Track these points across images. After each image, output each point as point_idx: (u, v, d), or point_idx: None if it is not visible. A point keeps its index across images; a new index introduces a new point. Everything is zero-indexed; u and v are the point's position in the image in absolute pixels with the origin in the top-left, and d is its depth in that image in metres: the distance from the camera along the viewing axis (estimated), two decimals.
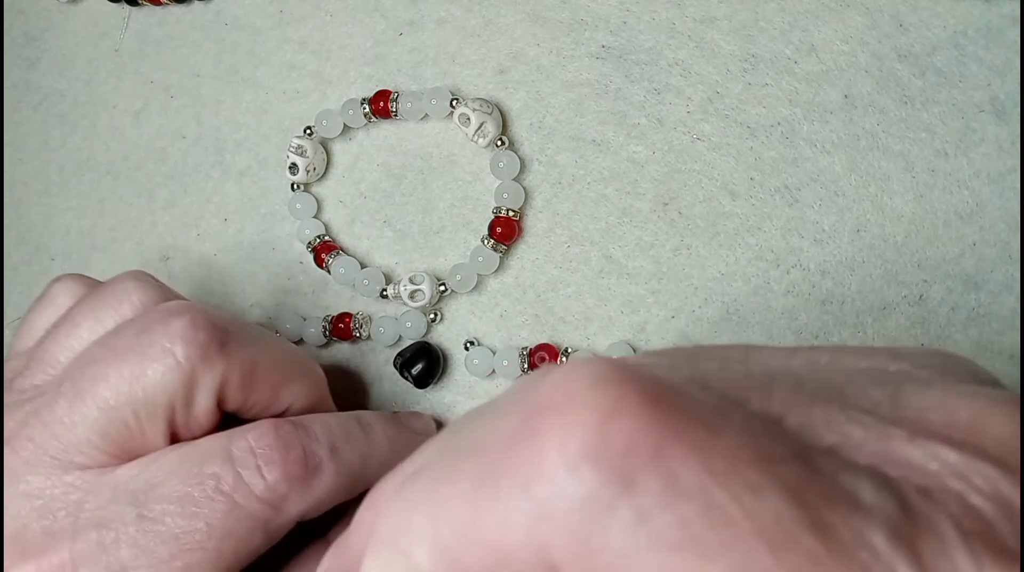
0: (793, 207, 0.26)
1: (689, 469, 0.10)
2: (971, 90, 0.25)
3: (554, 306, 0.28)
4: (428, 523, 0.12)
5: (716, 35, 0.27)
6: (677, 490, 0.10)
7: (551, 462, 0.10)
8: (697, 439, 0.10)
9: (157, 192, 0.34)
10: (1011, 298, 0.24)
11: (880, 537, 0.10)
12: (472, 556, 0.11)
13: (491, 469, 0.11)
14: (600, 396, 0.11)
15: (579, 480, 0.10)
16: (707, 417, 0.11)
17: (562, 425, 0.10)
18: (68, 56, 0.36)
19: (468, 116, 0.28)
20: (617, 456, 0.10)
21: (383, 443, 0.25)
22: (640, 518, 0.10)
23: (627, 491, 0.10)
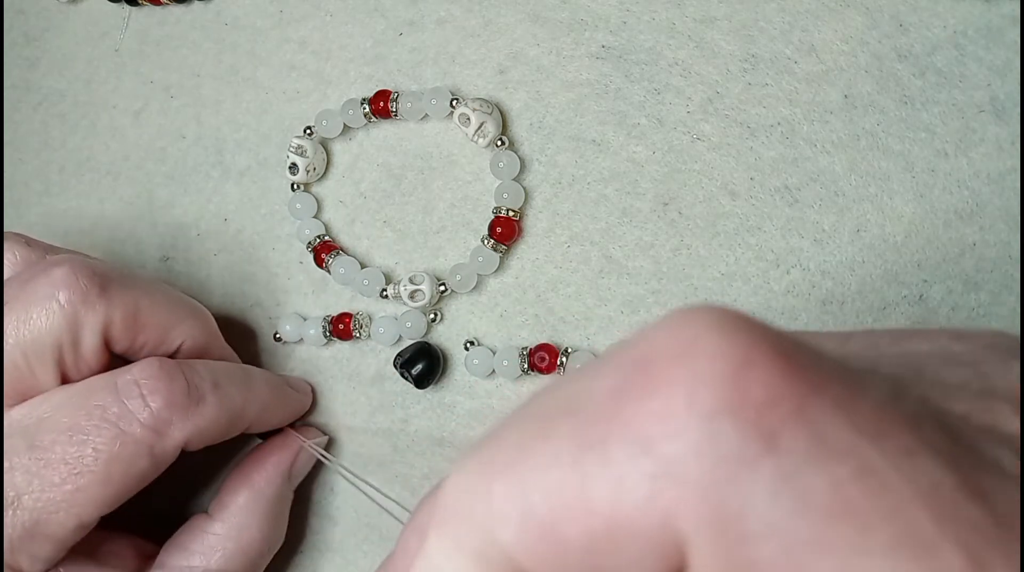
0: (793, 207, 0.26)
1: (837, 426, 0.09)
2: (971, 90, 0.25)
3: (554, 306, 0.28)
4: (514, 492, 0.10)
5: (716, 35, 0.27)
6: (826, 448, 0.09)
7: (680, 415, 0.09)
8: (840, 395, 0.09)
9: (157, 192, 0.34)
10: (1011, 298, 0.24)
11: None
12: (575, 525, 0.10)
13: (596, 427, 0.10)
14: (731, 342, 0.09)
15: (715, 435, 0.09)
16: (845, 373, 0.09)
17: (690, 373, 0.09)
18: (68, 56, 0.36)
19: (468, 116, 0.28)
20: (757, 409, 0.09)
21: (263, 388, 0.28)
22: (785, 479, 0.09)
23: (770, 448, 0.09)
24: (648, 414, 0.09)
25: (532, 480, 0.10)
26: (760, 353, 0.09)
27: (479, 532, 0.10)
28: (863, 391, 0.09)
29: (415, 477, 0.29)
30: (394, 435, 0.30)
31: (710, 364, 0.09)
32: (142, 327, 0.25)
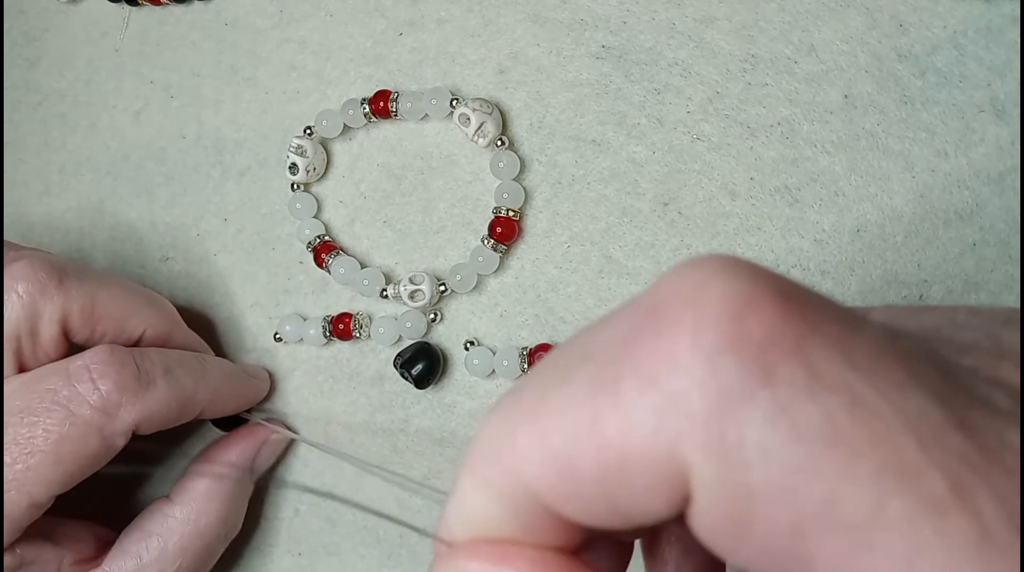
0: (793, 207, 0.26)
1: (831, 362, 0.09)
2: (971, 90, 0.25)
3: (554, 306, 0.28)
4: (536, 434, 0.11)
5: (716, 35, 0.27)
6: (820, 382, 0.09)
7: (684, 353, 0.10)
8: (837, 333, 0.10)
9: (157, 192, 0.34)
10: (1011, 298, 0.24)
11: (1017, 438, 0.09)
12: (589, 459, 0.10)
13: (610, 368, 0.10)
14: (734, 286, 0.10)
15: (717, 370, 0.10)
16: (843, 314, 0.10)
17: (695, 315, 0.10)
18: (68, 56, 0.36)
19: (468, 116, 0.28)
20: (757, 346, 0.09)
21: (217, 375, 0.28)
22: (782, 410, 0.09)
23: (768, 382, 0.09)
24: (656, 353, 0.10)
25: (552, 422, 0.11)
26: (761, 294, 0.10)
27: (506, 472, 0.11)
28: (859, 330, 0.10)
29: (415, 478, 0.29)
30: (394, 435, 0.30)
31: (714, 306, 0.10)
32: (100, 318, 0.26)
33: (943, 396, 0.09)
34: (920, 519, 0.09)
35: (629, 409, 0.10)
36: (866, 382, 0.09)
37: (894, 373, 0.09)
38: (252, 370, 0.31)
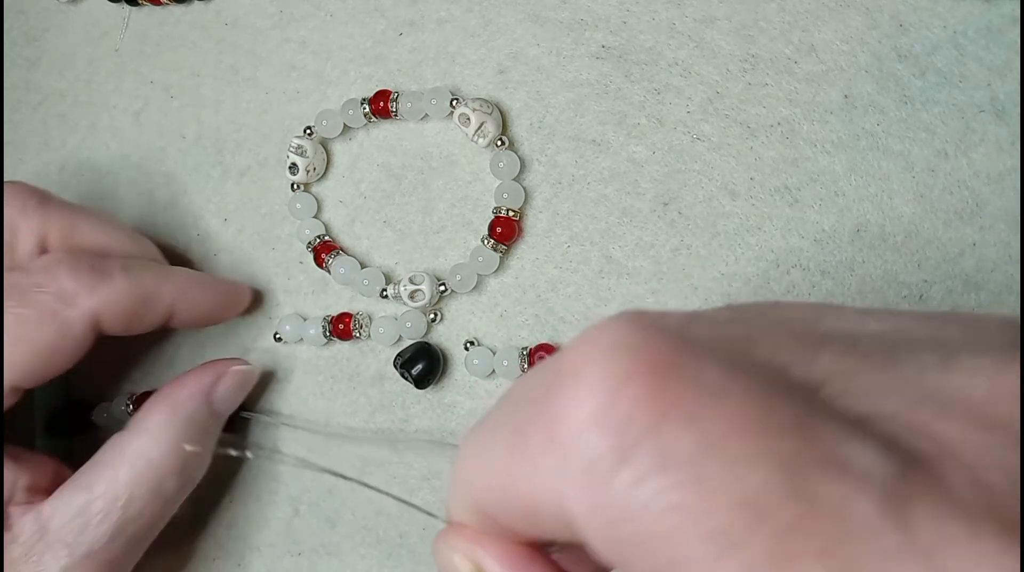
0: (793, 207, 0.26)
1: (683, 440, 0.11)
2: (971, 90, 0.25)
3: (554, 306, 0.28)
4: (480, 470, 0.14)
5: (716, 35, 0.27)
6: (671, 459, 0.11)
7: (568, 424, 0.11)
8: (696, 409, 0.11)
9: (157, 192, 0.34)
10: (1011, 298, 0.24)
11: (868, 502, 0.10)
12: (513, 500, 0.13)
13: (524, 425, 0.12)
14: (612, 365, 0.11)
15: (589, 442, 0.11)
16: (713, 385, 0.11)
17: (578, 391, 0.11)
18: (68, 56, 0.36)
19: (468, 116, 0.28)
20: (621, 424, 0.11)
21: (181, 274, 0.29)
22: (638, 480, 0.11)
23: (627, 457, 0.11)
24: (551, 419, 0.12)
25: (487, 462, 0.13)
26: (635, 374, 0.11)
27: (469, 493, 0.14)
28: (723, 404, 0.11)
29: (414, 477, 0.29)
30: (394, 435, 0.30)
31: (594, 383, 0.11)
32: (79, 244, 0.27)
33: (792, 466, 0.10)
34: None
35: (533, 464, 0.12)
36: (712, 457, 0.11)
37: (742, 445, 0.11)
38: (230, 280, 0.31)
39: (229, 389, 0.29)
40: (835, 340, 0.13)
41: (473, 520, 0.14)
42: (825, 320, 0.14)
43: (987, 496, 0.10)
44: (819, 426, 0.11)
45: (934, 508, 0.10)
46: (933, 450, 0.11)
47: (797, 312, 0.14)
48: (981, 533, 0.10)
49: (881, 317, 0.14)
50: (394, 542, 0.30)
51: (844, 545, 0.10)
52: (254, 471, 0.31)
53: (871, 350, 0.12)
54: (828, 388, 0.12)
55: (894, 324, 0.13)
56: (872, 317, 0.14)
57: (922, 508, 0.10)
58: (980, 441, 0.11)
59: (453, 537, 0.15)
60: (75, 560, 0.25)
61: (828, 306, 0.14)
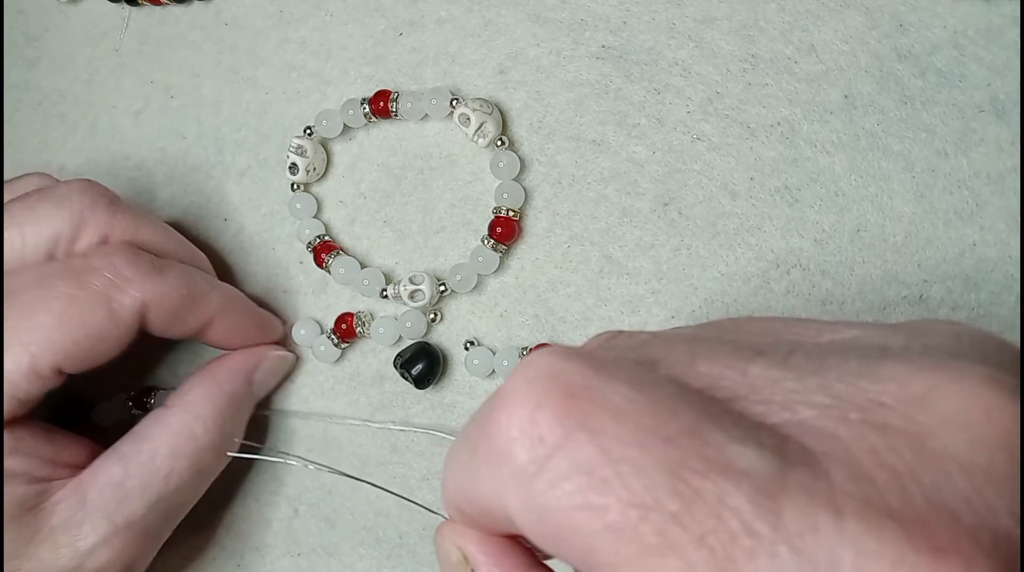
0: (793, 207, 0.26)
1: (587, 451, 0.13)
2: (971, 90, 0.25)
3: (554, 306, 0.28)
4: (451, 475, 0.16)
5: (716, 35, 0.27)
6: (577, 467, 0.13)
7: (500, 440, 0.14)
8: (599, 425, 0.13)
9: (157, 192, 0.34)
10: (1011, 298, 0.24)
11: (742, 496, 0.12)
12: (472, 503, 0.15)
13: (474, 440, 0.15)
14: (533, 391, 0.14)
15: (515, 455, 0.14)
16: (616, 405, 0.13)
17: (507, 413, 0.14)
18: (68, 56, 0.36)
19: (468, 116, 0.28)
20: (537, 440, 0.13)
21: (230, 289, 0.29)
22: (552, 485, 0.13)
23: (543, 466, 0.13)
24: (491, 437, 0.14)
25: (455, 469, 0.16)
26: (549, 399, 0.14)
27: (447, 495, 0.17)
28: (623, 422, 0.13)
29: (414, 478, 0.29)
30: (394, 435, 0.30)
31: (518, 407, 0.14)
32: (141, 246, 0.27)
33: (676, 469, 0.12)
34: (643, 560, 0.12)
35: (480, 473, 0.15)
36: (609, 465, 0.13)
37: (632, 454, 0.13)
38: (267, 312, 0.31)
39: (268, 373, 0.30)
40: (773, 353, 0.14)
41: (458, 517, 0.17)
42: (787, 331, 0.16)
43: (866, 489, 0.12)
44: (709, 433, 0.13)
45: (806, 499, 0.12)
46: (826, 448, 0.12)
47: (761, 325, 0.16)
48: (845, 518, 0.11)
49: (838, 328, 0.15)
50: (394, 542, 0.30)
51: (720, 532, 0.12)
52: (254, 471, 0.31)
53: (803, 360, 0.14)
54: (752, 397, 0.14)
55: (848, 335, 0.15)
56: (830, 329, 0.15)
57: (794, 499, 0.12)
58: (871, 441, 0.12)
59: (445, 529, 0.17)
60: (114, 530, 0.25)
61: (795, 320, 0.16)
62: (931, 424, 0.12)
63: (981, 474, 0.12)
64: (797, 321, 0.16)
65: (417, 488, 0.29)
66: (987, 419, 0.12)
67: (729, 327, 0.16)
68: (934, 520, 0.11)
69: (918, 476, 0.12)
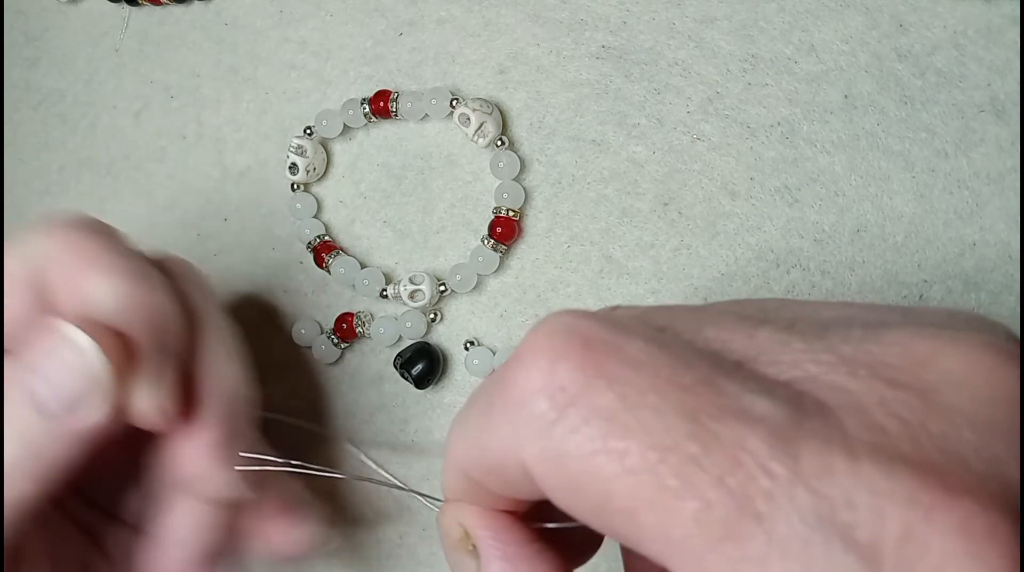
0: (793, 207, 0.26)
1: (605, 398, 0.13)
2: (971, 90, 0.25)
3: (554, 306, 0.28)
4: (461, 439, 0.16)
5: (716, 35, 0.27)
6: (596, 413, 0.13)
7: (519, 392, 0.14)
8: (617, 374, 0.14)
9: (157, 192, 0.34)
10: (1011, 298, 0.24)
11: (758, 440, 0.12)
12: (486, 458, 0.15)
13: (490, 398, 0.15)
14: (552, 345, 0.14)
15: (534, 405, 0.14)
16: (633, 355, 0.14)
17: (527, 367, 0.14)
18: (68, 56, 0.36)
19: (468, 116, 0.28)
20: (557, 389, 0.14)
21: None
22: (571, 431, 0.13)
23: (563, 414, 0.14)
24: (508, 390, 0.14)
25: (465, 432, 0.16)
26: (567, 352, 0.14)
27: (454, 463, 0.17)
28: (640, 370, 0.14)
29: (414, 477, 0.29)
30: (393, 435, 0.30)
31: (537, 361, 0.14)
32: None
33: (694, 414, 0.13)
34: (662, 501, 0.13)
35: (497, 427, 0.15)
36: (627, 410, 0.13)
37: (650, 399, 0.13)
38: None
39: None
40: (776, 321, 0.15)
41: (461, 488, 0.17)
42: (784, 308, 0.16)
43: (878, 436, 0.12)
44: (725, 384, 0.13)
45: (822, 445, 0.12)
46: (838, 401, 0.13)
47: (759, 303, 0.16)
48: (860, 461, 0.12)
49: (837, 307, 0.16)
50: (394, 542, 0.30)
51: (737, 473, 0.12)
52: None
53: (806, 327, 0.15)
54: (762, 358, 0.14)
55: (847, 312, 0.15)
56: (829, 307, 0.16)
57: (810, 444, 0.12)
58: (881, 393, 0.13)
59: (447, 507, 0.18)
60: None
61: (792, 300, 0.17)
62: (936, 381, 0.13)
63: (987, 427, 0.12)
64: (794, 301, 0.16)
65: (418, 488, 0.29)
66: (989, 378, 0.13)
67: (727, 305, 0.17)
68: (945, 466, 0.12)
69: (927, 426, 0.12)
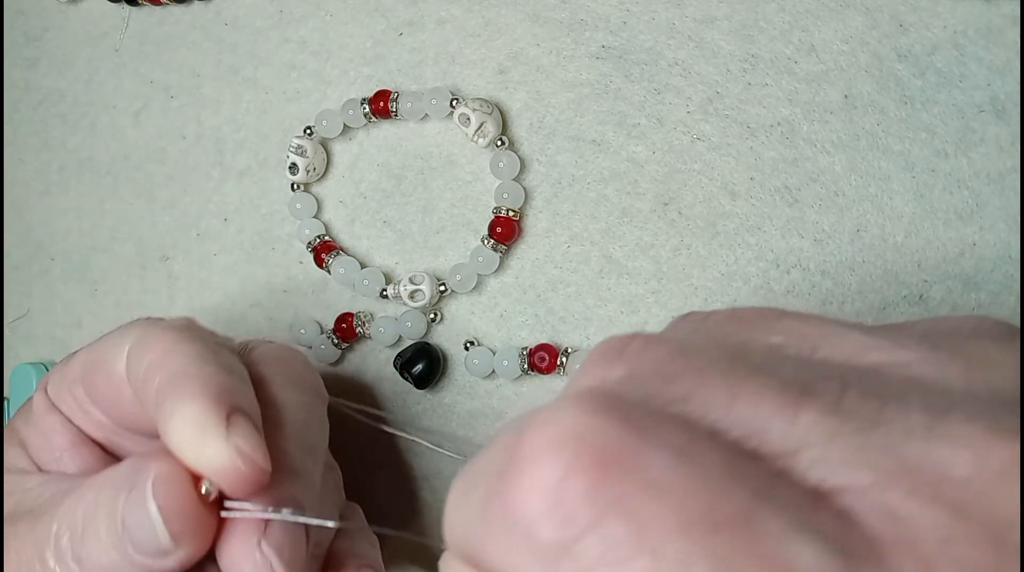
0: (793, 207, 0.26)
1: (623, 536, 0.11)
2: (971, 90, 0.25)
3: (554, 306, 0.28)
4: (459, 522, 0.14)
5: (716, 35, 0.27)
6: (611, 554, 0.11)
7: (521, 511, 0.12)
8: (637, 505, 0.11)
9: (157, 192, 0.34)
10: (1011, 298, 0.24)
11: None
12: (482, 562, 0.13)
13: (488, 497, 0.13)
14: (559, 457, 0.12)
15: (539, 532, 0.12)
16: (656, 479, 0.12)
17: (530, 480, 0.12)
18: (68, 56, 0.36)
19: (468, 116, 0.28)
20: (565, 518, 0.12)
21: None
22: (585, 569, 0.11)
23: (571, 550, 0.12)
24: (509, 504, 0.12)
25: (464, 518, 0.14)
26: (579, 468, 0.12)
27: (451, 536, 0.14)
28: (664, 497, 0.11)
29: (414, 477, 0.29)
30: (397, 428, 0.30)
31: (542, 474, 0.12)
32: None
33: (729, 565, 0.11)
34: None
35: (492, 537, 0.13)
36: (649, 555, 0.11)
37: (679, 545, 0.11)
38: None
39: None
40: (820, 392, 0.12)
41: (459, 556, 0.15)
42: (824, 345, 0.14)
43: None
44: (765, 520, 0.11)
45: None
46: (893, 536, 0.11)
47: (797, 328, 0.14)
48: None
49: (883, 345, 0.13)
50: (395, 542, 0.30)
51: None
52: None
53: (856, 404, 0.12)
54: (804, 454, 0.12)
55: (896, 357, 0.13)
56: (875, 344, 0.14)
57: None
58: (947, 529, 0.11)
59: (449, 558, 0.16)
60: None
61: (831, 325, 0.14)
62: (1011, 511, 0.11)
63: None
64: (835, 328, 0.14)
65: (418, 488, 0.29)
66: None
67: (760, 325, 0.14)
68: None
69: None
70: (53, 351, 0.36)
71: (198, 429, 0.19)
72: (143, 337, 0.22)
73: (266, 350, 0.25)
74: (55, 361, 0.36)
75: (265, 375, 0.23)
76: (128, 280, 0.34)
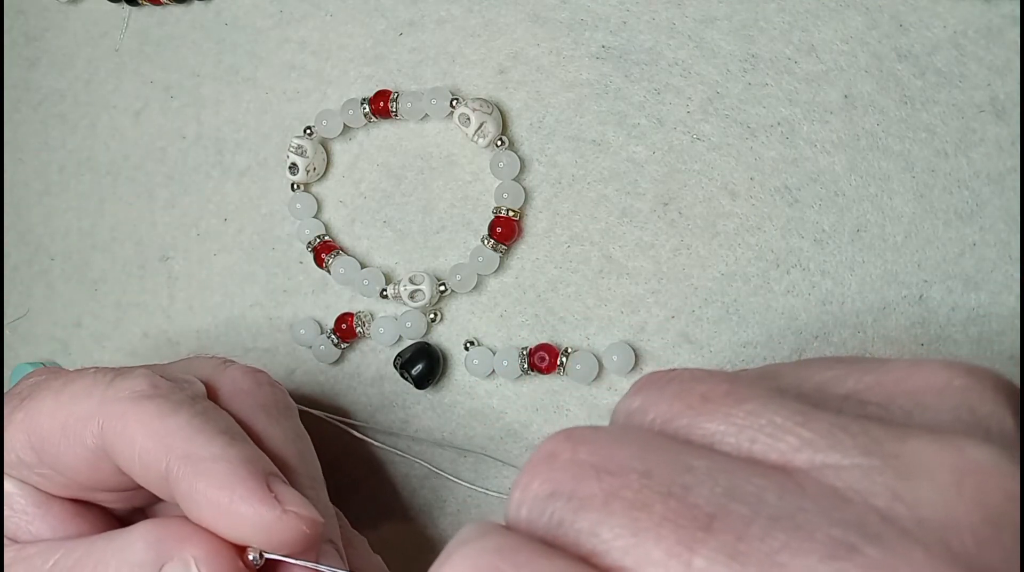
0: (793, 207, 0.26)
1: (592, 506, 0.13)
2: (971, 90, 0.25)
3: (554, 306, 0.28)
4: None
5: (716, 35, 0.27)
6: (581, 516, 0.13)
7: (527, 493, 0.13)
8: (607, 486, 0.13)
9: (157, 192, 0.34)
10: (1011, 298, 0.24)
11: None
12: None
13: None
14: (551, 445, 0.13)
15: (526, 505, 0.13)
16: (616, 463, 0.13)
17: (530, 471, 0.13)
18: (68, 56, 0.36)
19: (468, 116, 0.28)
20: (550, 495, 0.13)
21: None
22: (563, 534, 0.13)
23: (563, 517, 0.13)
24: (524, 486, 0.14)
25: None
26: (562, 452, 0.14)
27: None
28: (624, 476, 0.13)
29: (414, 478, 0.29)
30: (394, 435, 0.30)
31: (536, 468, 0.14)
32: None
33: None
34: None
35: None
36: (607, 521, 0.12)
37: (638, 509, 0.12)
38: None
39: None
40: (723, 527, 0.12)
41: None
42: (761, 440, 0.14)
43: None
44: None
45: None
46: None
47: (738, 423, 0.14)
48: None
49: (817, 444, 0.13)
50: None
51: None
52: None
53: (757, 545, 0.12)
54: None
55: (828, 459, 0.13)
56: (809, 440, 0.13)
57: None
58: None
59: None
60: None
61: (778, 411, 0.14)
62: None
63: None
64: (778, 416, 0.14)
65: (418, 488, 0.29)
66: None
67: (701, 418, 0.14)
68: None
69: None
70: (53, 351, 0.36)
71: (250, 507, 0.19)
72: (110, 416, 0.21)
73: (231, 386, 0.24)
74: (55, 361, 0.36)
75: (245, 418, 0.23)
76: (128, 280, 0.34)
